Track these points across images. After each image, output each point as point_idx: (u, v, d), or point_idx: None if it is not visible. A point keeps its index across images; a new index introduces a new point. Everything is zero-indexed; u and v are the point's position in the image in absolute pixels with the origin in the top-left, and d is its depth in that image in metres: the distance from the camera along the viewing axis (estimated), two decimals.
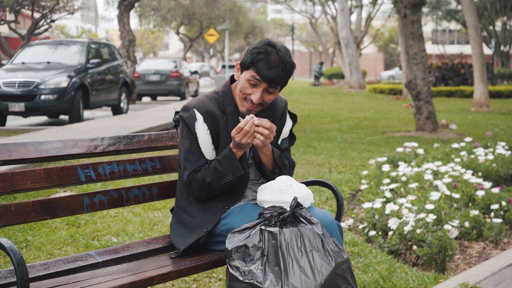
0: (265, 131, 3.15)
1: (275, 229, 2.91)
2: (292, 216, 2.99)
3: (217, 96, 3.36)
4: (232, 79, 3.42)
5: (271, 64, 3.17)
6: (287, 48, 3.29)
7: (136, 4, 34.97)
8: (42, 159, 3.12)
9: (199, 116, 3.25)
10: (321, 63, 48.01)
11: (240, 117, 3.33)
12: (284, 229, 2.92)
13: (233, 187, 3.28)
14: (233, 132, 3.15)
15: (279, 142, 3.48)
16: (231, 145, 3.21)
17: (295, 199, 3.01)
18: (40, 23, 32.87)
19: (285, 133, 3.51)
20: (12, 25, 33.62)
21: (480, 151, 8.06)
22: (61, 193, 6.79)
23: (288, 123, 3.52)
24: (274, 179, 3.31)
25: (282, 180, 3.19)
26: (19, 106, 14.20)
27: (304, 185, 3.26)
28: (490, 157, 7.71)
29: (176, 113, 3.40)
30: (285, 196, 3.11)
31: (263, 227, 2.93)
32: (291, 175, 3.46)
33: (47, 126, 14.93)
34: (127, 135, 3.51)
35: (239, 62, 3.29)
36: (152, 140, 3.60)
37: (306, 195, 3.18)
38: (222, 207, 3.27)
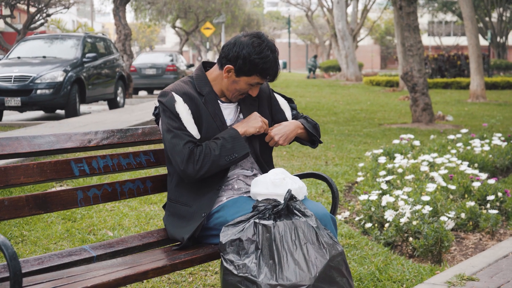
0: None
1: (269, 222, 2.90)
2: (286, 209, 2.99)
3: (192, 80, 3.39)
4: (205, 64, 3.46)
5: (275, 68, 3.29)
6: (266, 33, 3.37)
7: None
8: (35, 154, 3.11)
9: (178, 98, 3.27)
10: (315, 57, 48.07)
11: (220, 102, 3.38)
12: (278, 222, 2.91)
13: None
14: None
15: (289, 118, 3.60)
16: (240, 130, 3.28)
17: (289, 191, 3.00)
18: (36, 18, 32.79)
19: (287, 108, 3.62)
20: (8, 19, 33.53)
21: (476, 142, 8.05)
22: (57, 187, 6.78)
23: (279, 98, 3.63)
24: (268, 170, 3.33)
25: (275, 173, 3.19)
26: (15, 101, 14.16)
27: (297, 178, 3.25)
28: (486, 148, 7.72)
29: (156, 108, 3.42)
30: (279, 189, 3.11)
31: (257, 220, 2.92)
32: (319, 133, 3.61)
33: (43, 120, 14.89)
34: (121, 128, 3.49)
35: (231, 66, 3.26)
36: (146, 133, 3.59)
37: (299, 188, 3.18)
38: (216, 189, 3.28)
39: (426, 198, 5.19)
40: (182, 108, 3.25)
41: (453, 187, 5.77)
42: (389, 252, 4.81)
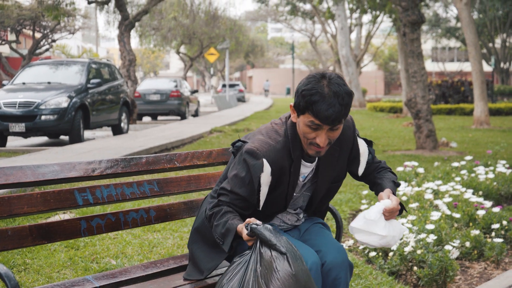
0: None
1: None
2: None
3: (287, 139, 3.09)
4: None
5: (328, 104, 2.86)
6: (339, 75, 3.00)
7: (137, 24, 35.12)
8: (39, 183, 3.10)
9: (267, 168, 3.01)
10: None
11: (303, 160, 3.16)
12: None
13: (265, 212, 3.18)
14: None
15: (360, 171, 3.34)
16: (245, 234, 2.86)
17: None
18: (41, 43, 33.05)
19: (364, 158, 3.33)
20: (13, 45, 33.78)
21: (480, 169, 8.03)
22: (60, 215, 6.77)
23: (361, 145, 3.33)
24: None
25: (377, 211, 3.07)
26: (20, 127, 14.22)
27: (396, 222, 3.13)
28: (491, 175, 7.69)
29: (236, 142, 3.15)
30: (377, 227, 3.05)
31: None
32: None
33: (47, 146, 14.92)
34: (125, 157, 3.48)
35: (292, 104, 3.03)
36: (150, 162, 3.58)
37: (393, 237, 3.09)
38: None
39: (430, 226, 5.17)
40: (266, 180, 3.02)
41: (457, 215, 5.75)
42: (393, 282, 4.78)
